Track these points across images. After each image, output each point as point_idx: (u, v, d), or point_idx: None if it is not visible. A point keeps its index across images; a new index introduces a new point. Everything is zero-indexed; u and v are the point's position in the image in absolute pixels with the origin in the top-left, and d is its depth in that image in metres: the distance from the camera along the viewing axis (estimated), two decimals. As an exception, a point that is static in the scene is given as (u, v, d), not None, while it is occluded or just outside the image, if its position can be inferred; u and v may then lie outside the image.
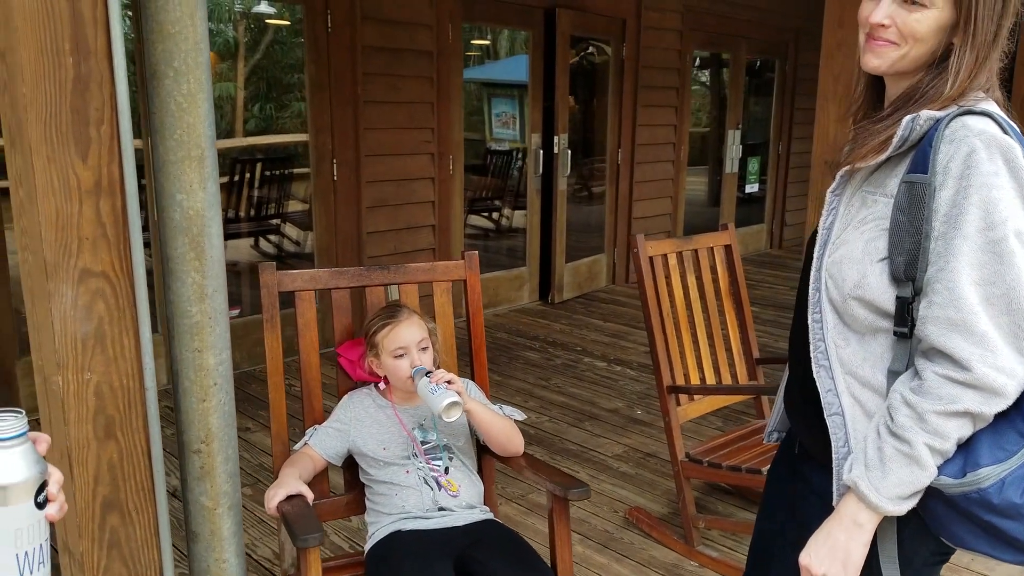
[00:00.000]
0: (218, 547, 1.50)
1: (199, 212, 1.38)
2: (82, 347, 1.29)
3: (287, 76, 5.03)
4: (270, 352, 1.92)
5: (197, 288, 1.40)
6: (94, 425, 1.32)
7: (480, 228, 5.95)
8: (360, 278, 2.05)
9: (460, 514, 1.84)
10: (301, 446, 1.86)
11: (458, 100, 5.14)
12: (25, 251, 1.29)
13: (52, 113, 1.21)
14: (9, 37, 1.19)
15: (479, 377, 2.10)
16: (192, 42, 1.33)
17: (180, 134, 1.34)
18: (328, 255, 4.75)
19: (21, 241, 1.30)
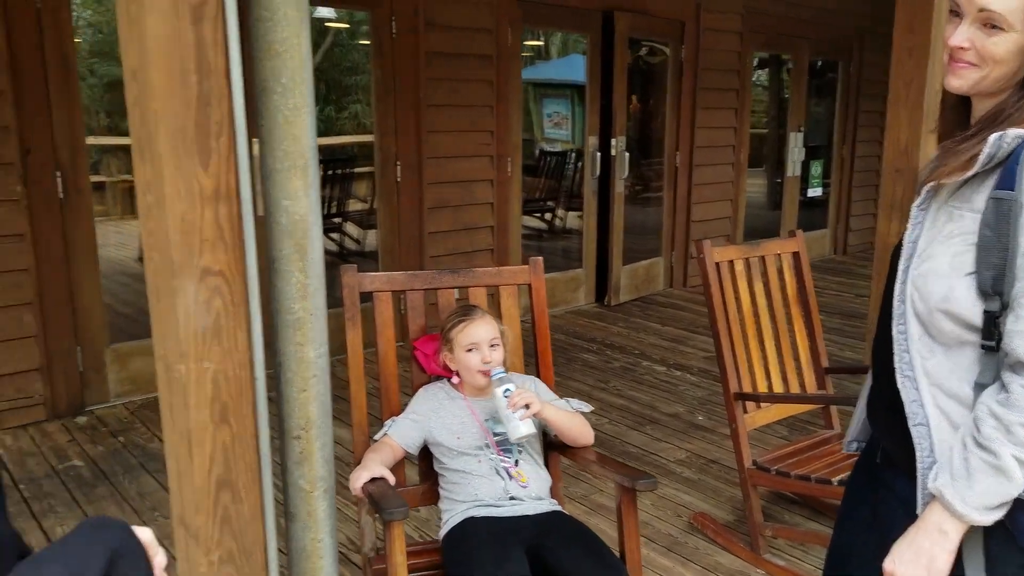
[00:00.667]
0: (314, 527, 1.64)
1: (303, 217, 1.53)
2: (201, 339, 1.44)
3: (346, 78, 5.23)
4: (351, 347, 2.08)
5: (300, 287, 1.55)
6: (211, 410, 1.47)
7: (533, 229, 6.06)
8: (432, 281, 2.20)
9: (530, 504, 1.96)
10: (381, 436, 2.02)
11: (517, 103, 5.27)
12: (152, 251, 1.44)
13: (179, 127, 1.36)
14: (142, 59, 1.34)
15: (544, 377, 2.22)
16: (298, 60, 1.47)
17: (287, 145, 1.49)
18: (392, 255, 4.92)
19: (148, 242, 1.45)
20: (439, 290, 2.19)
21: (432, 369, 2.13)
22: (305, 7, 1.45)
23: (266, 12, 1.40)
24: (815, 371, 2.85)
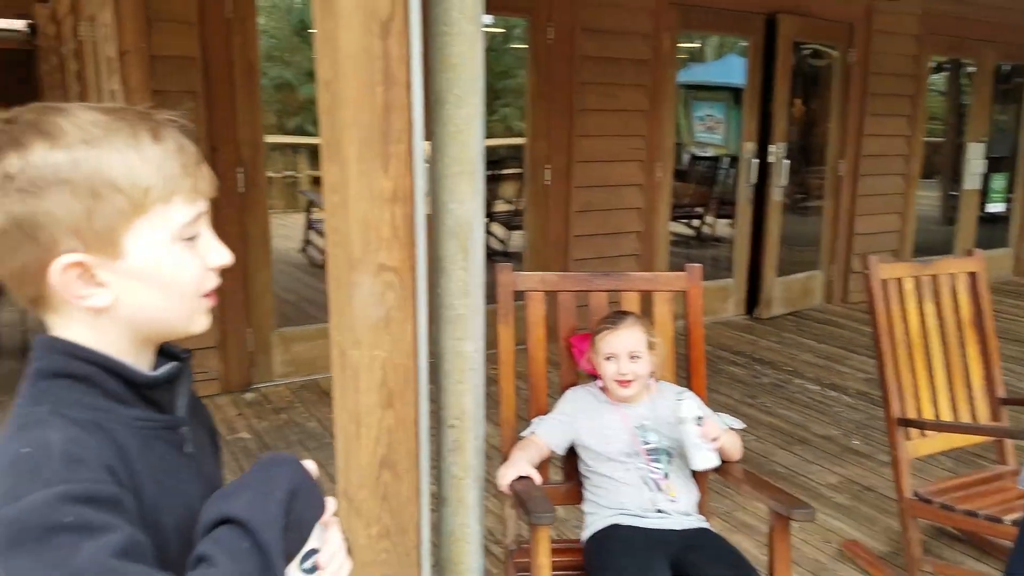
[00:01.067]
0: (463, 513, 1.76)
1: (468, 219, 1.64)
2: (374, 329, 1.58)
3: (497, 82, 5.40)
4: (503, 345, 2.17)
5: (462, 285, 1.66)
6: (378, 395, 1.61)
7: (680, 235, 6.01)
8: (585, 283, 2.26)
9: (676, 519, 1.96)
10: (528, 433, 2.08)
11: (670, 108, 5.26)
12: (335, 247, 1.60)
13: (364, 133, 1.51)
14: (335, 70, 1.50)
15: (696, 388, 2.22)
16: (471, 72, 1.59)
17: (457, 151, 1.61)
18: (537, 256, 5.05)
19: (331, 238, 1.61)
20: (591, 292, 2.25)
21: (583, 366, 2.20)
22: (480, 23, 1.56)
23: (445, 27, 1.53)
24: (989, 401, 2.68)
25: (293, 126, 4.78)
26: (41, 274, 0.73)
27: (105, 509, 0.65)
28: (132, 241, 0.75)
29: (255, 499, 0.74)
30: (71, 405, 0.72)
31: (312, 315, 4.68)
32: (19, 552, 0.62)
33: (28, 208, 0.71)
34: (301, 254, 5.06)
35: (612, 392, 2.06)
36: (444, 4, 1.52)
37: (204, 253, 0.81)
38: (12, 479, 0.65)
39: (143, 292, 0.77)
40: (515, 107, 5.17)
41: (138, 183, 0.74)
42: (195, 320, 0.82)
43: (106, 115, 0.75)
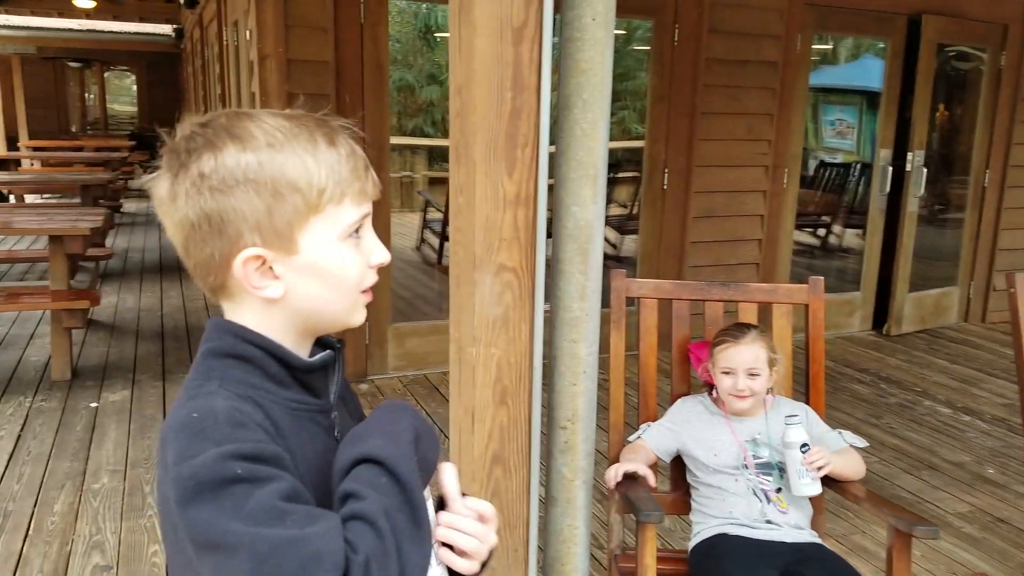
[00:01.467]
0: (571, 514, 1.79)
1: (588, 223, 1.68)
2: (492, 327, 1.64)
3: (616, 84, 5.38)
4: (614, 350, 2.19)
5: (579, 288, 1.70)
6: (493, 391, 1.67)
7: (804, 244, 5.82)
8: (700, 292, 2.25)
9: (787, 531, 1.93)
10: (635, 438, 2.09)
11: (800, 112, 5.12)
12: (457, 246, 1.68)
13: (492, 137, 1.57)
14: (468, 76, 1.57)
15: (815, 405, 2.17)
16: (599, 77, 1.62)
17: (581, 156, 1.65)
18: (651, 261, 5.02)
19: (455, 237, 1.69)
20: (707, 302, 2.24)
21: (700, 373, 2.19)
22: (612, 29, 1.59)
23: (577, 33, 1.57)
24: None
25: (412, 127, 4.94)
26: (225, 265, 0.82)
27: (270, 463, 0.73)
28: (306, 238, 0.83)
29: (386, 439, 0.82)
30: (235, 382, 0.81)
31: (425, 312, 4.83)
32: (198, 503, 0.70)
33: (218, 205, 0.79)
34: (416, 252, 5.22)
35: (726, 404, 2.05)
36: (577, 10, 1.56)
37: (367, 252, 0.88)
38: (185, 440, 0.74)
39: (312, 286, 0.84)
40: (633, 109, 5.15)
41: (314, 184, 0.81)
42: (354, 314, 0.89)
43: (288, 121, 0.83)
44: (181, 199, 0.80)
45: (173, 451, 0.74)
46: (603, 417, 2.31)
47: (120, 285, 6.57)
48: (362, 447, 0.81)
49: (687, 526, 2.09)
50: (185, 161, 0.80)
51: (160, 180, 0.83)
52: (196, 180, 0.79)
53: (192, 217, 0.80)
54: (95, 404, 3.98)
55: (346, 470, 0.80)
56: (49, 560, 2.63)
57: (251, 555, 0.68)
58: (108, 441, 3.55)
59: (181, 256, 0.85)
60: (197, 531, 0.70)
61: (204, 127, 0.82)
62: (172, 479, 0.72)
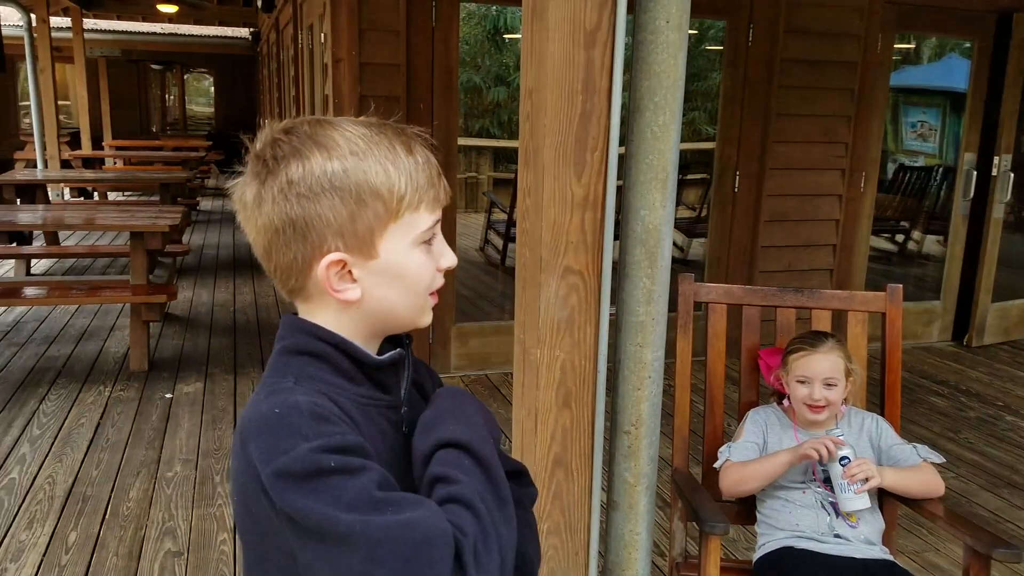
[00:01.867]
0: (633, 519, 1.79)
1: (656, 227, 1.67)
2: (556, 329, 1.65)
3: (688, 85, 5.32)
4: (680, 355, 2.18)
5: (646, 292, 1.69)
6: (556, 394, 1.68)
7: (881, 251, 5.66)
8: (772, 298, 2.21)
9: (857, 546, 1.89)
10: (722, 463, 2.01)
11: (880, 114, 4.98)
12: (524, 248, 1.69)
13: (562, 141, 1.58)
14: (539, 79, 1.58)
15: (890, 416, 2.11)
16: (672, 80, 1.61)
17: (651, 159, 1.64)
18: (719, 266, 4.95)
19: (521, 239, 1.70)
20: (778, 308, 2.20)
21: (770, 381, 2.16)
22: (686, 31, 1.58)
23: (649, 36, 1.56)
24: None
25: (478, 128, 4.98)
26: (306, 269, 0.85)
27: (357, 453, 0.76)
28: (384, 244, 0.86)
29: (461, 424, 0.87)
30: (309, 378, 0.84)
31: (487, 312, 4.87)
32: (299, 495, 0.73)
33: (304, 211, 0.82)
34: (479, 253, 5.26)
35: (799, 415, 2.01)
36: (651, 12, 1.55)
37: (436, 256, 0.91)
38: (272, 436, 0.77)
39: (387, 289, 0.88)
40: (703, 111, 5.09)
41: (395, 191, 0.84)
42: (422, 316, 0.92)
43: (368, 129, 0.86)
44: (268, 204, 0.83)
45: (260, 448, 0.76)
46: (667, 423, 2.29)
47: (195, 280, 6.81)
48: (441, 432, 0.85)
49: (751, 536, 2.06)
50: (273, 168, 0.83)
51: (247, 185, 0.86)
52: (284, 186, 0.82)
53: (277, 222, 0.83)
54: (170, 395, 4.13)
55: (428, 456, 0.83)
56: (124, 544, 2.75)
57: (365, 542, 0.71)
58: (181, 431, 3.69)
59: (261, 259, 0.88)
60: (303, 521, 0.73)
61: (288, 134, 0.84)
62: (266, 476, 0.75)
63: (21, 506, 2.97)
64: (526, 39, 1.62)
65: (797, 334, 2.07)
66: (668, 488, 3.01)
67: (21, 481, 3.16)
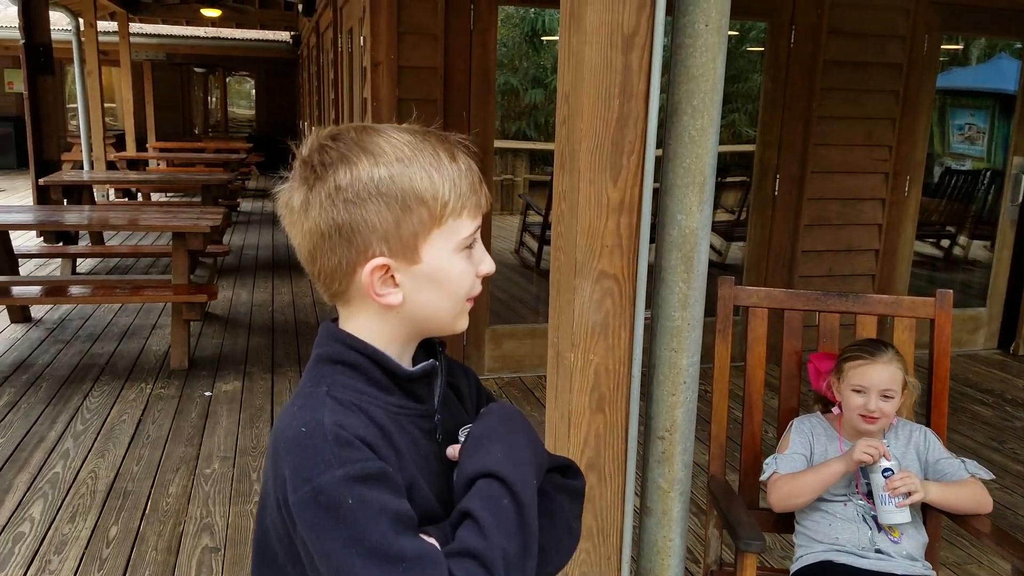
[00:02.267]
0: (667, 526, 1.78)
1: (693, 231, 1.66)
2: (590, 333, 1.65)
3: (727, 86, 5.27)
4: (719, 360, 2.15)
5: (682, 297, 1.68)
6: (590, 398, 1.68)
7: (925, 256, 5.55)
8: (815, 303, 2.17)
9: (899, 562, 1.85)
10: (769, 476, 1.96)
11: (925, 116, 4.89)
12: (559, 251, 1.69)
13: (598, 144, 1.58)
14: (576, 83, 1.58)
15: (936, 427, 2.07)
16: (711, 84, 1.60)
17: (689, 163, 1.63)
18: (757, 269, 4.89)
19: (556, 243, 1.71)
20: (821, 313, 2.16)
21: (818, 386, 2.11)
22: (725, 34, 1.57)
23: (689, 39, 1.56)
24: None
25: (515, 130, 4.99)
26: (350, 273, 0.87)
27: (377, 484, 0.79)
28: (427, 249, 0.87)
29: (509, 453, 0.87)
30: (341, 387, 0.86)
31: (522, 315, 4.87)
32: (320, 527, 0.77)
33: (351, 216, 0.84)
34: (514, 255, 5.26)
35: (848, 425, 1.96)
36: (689, 15, 1.55)
37: (476, 262, 0.92)
38: (298, 457, 0.80)
39: (428, 294, 0.89)
40: (744, 112, 5.04)
41: (439, 198, 0.86)
42: (459, 321, 0.93)
43: (412, 136, 0.87)
44: (315, 209, 0.85)
45: (289, 470, 0.80)
46: (703, 429, 2.27)
47: (235, 280, 6.92)
48: (487, 460, 0.85)
49: (787, 544, 2.03)
50: (321, 173, 0.85)
51: (294, 191, 0.87)
52: (332, 192, 0.84)
53: (323, 227, 0.85)
54: (209, 393, 4.21)
55: (470, 481, 0.84)
56: (163, 539, 2.81)
57: None
58: (220, 429, 3.76)
59: (305, 263, 0.90)
60: (318, 553, 0.78)
61: (336, 141, 0.86)
62: (292, 503, 0.78)
63: (64, 500, 3.04)
64: (563, 43, 1.62)
65: (854, 341, 2.02)
66: (703, 495, 2.99)
67: (65, 476, 3.24)
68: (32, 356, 4.71)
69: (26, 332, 5.18)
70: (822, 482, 1.86)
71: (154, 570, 2.62)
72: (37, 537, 2.78)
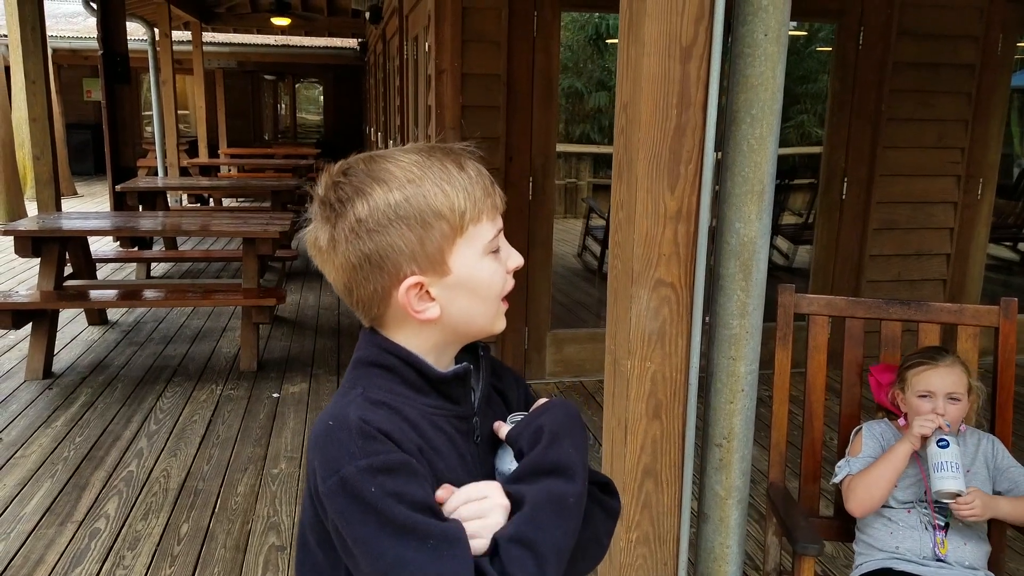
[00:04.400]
0: (724, 532, 1.78)
1: (752, 240, 1.67)
2: (647, 341, 1.67)
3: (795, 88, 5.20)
4: (779, 368, 2.15)
5: (740, 305, 1.69)
6: (647, 405, 1.70)
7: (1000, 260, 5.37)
8: (877, 310, 2.15)
9: (960, 572, 1.83)
10: (842, 478, 1.96)
11: (999, 118, 4.74)
12: (616, 259, 1.72)
13: (656, 153, 1.60)
14: (634, 93, 1.61)
15: (1002, 435, 2.03)
16: (770, 92, 1.61)
17: (747, 171, 1.64)
18: (824, 274, 4.81)
19: (614, 251, 1.73)
20: (883, 321, 2.14)
21: (880, 399, 2.10)
22: (785, 43, 1.58)
23: (747, 49, 1.57)
24: None
25: (579, 133, 5.01)
26: (387, 297, 0.91)
27: (399, 474, 0.83)
28: (455, 259, 0.91)
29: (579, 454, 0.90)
30: (376, 388, 0.91)
31: (583, 319, 4.89)
32: (348, 513, 0.82)
33: (376, 244, 0.88)
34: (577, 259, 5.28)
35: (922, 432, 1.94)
36: (748, 26, 1.56)
37: (504, 260, 0.95)
38: (326, 450, 0.84)
39: (464, 300, 0.93)
40: (813, 113, 4.96)
41: (455, 209, 0.89)
42: (497, 322, 0.97)
43: (419, 155, 0.91)
44: (342, 245, 0.89)
45: (318, 460, 0.85)
46: (763, 435, 2.26)
47: (302, 284, 7.11)
48: (560, 453, 0.89)
49: (850, 553, 2.01)
50: (340, 210, 0.89)
51: (318, 231, 0.92)
52: (354, 225, 0.88)
53: (354, 260, 0.89)
54: (277, 394, 4.34)
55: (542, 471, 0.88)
56: (232, 537, 2.91)
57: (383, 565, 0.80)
58: (287, 430, 3.87)
59: (342, 295, 0.94)
60: (351, 537, 0.82)
61: (347, 175, 0.90)
62: (323, 493, 0.83)
63: (138, 498, 3.18)
64: (622, 53, 1.65)
65: (913, 351, 2.01)
66: (763, 501, 2.97)
67: (138, 474, 3.39)
68: (108, 358, 4.93)
69: (103, 334, 5.42)
70: (894, 468, 1.85)
71: (223, 567, 2.72)
72: (112, 533, 2.92)
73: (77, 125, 16.14)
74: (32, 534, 2.89)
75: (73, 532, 2.91)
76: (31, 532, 2.90)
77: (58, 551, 2.78)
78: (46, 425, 3.86)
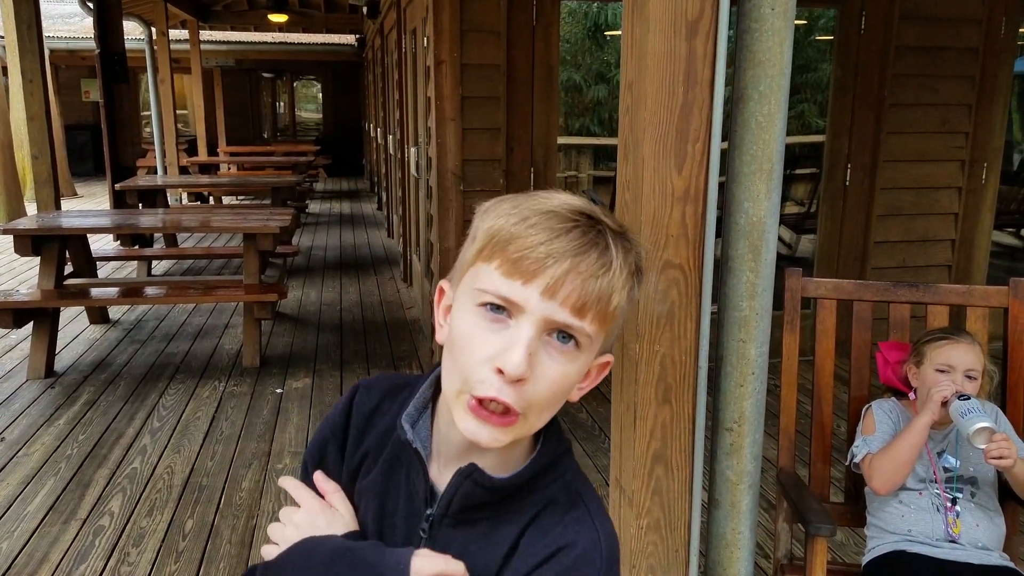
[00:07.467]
0: (735, 518, 1.75)
1: (761, 219, 1.63)
2: (656, 324, 1.64)
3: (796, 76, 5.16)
4: (787, 352, 2.13)
5: (750, 286, 1.66)
6: (655, 389, 1.67)
7: (1003, 246, 5.35)
8: (885, 293, 2.13)
9: (973, 552, 1.81)
10: (862, 458, 1.94)
11: (1003, 102, 4.71)
12: (623, 242, 1.69)
13: (662, 133, 1.57)
14: (639, 72, 1.58)
15: (1012, 417, 2.01)
16: (778, 68, 1.58)
17: (756, 150, 1.60)
18: (829, 262, 4.79)
19: (621, 233, 1.70)
20: (892, 304, 2.12)
21: (886, 377, 2.08)
22: (792, 18, 1.54)
23: (755, 24, 1.53)
24: None
25: (578, 126, 4.98)
26: None
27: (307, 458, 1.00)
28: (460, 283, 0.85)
29: None
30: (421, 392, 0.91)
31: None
32: None
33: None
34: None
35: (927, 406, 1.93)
36: (755, 0, 1.53)
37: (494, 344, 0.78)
38: None
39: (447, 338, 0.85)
40: (813, 102, 4.93)
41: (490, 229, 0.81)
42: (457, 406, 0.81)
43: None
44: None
45: None
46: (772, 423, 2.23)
47: (304, 280, 7.08)
48: None
49: (860, 539, 1.99)
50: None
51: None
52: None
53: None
54: (280, 390, 4.32)
55: None
56: (237, 532, 2.89)
57: None
58: (291, 425, 3.85)
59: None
60: None
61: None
62: None
63: (142, 494, 3.16)
64: (626, 31, 1.62)
65: (931, 328, 2.01)
66: (773, 489, 2.95)
67: (142, 471, 3.37)
68: (110, 356, 4.91)
69: (104, 333, 5.40)
70: (917, 440, 1.83)
71: (228, 563, 2.70)
72: (116, 530, 2.90)
73: (76, 126, 16.12)
74: (36, 532, 2.87)
75: (77, 529, 2.89)
76: (35, 530, 2.88)
77: (62, 549, 2.76)
78: (49, 424, 3.84)
